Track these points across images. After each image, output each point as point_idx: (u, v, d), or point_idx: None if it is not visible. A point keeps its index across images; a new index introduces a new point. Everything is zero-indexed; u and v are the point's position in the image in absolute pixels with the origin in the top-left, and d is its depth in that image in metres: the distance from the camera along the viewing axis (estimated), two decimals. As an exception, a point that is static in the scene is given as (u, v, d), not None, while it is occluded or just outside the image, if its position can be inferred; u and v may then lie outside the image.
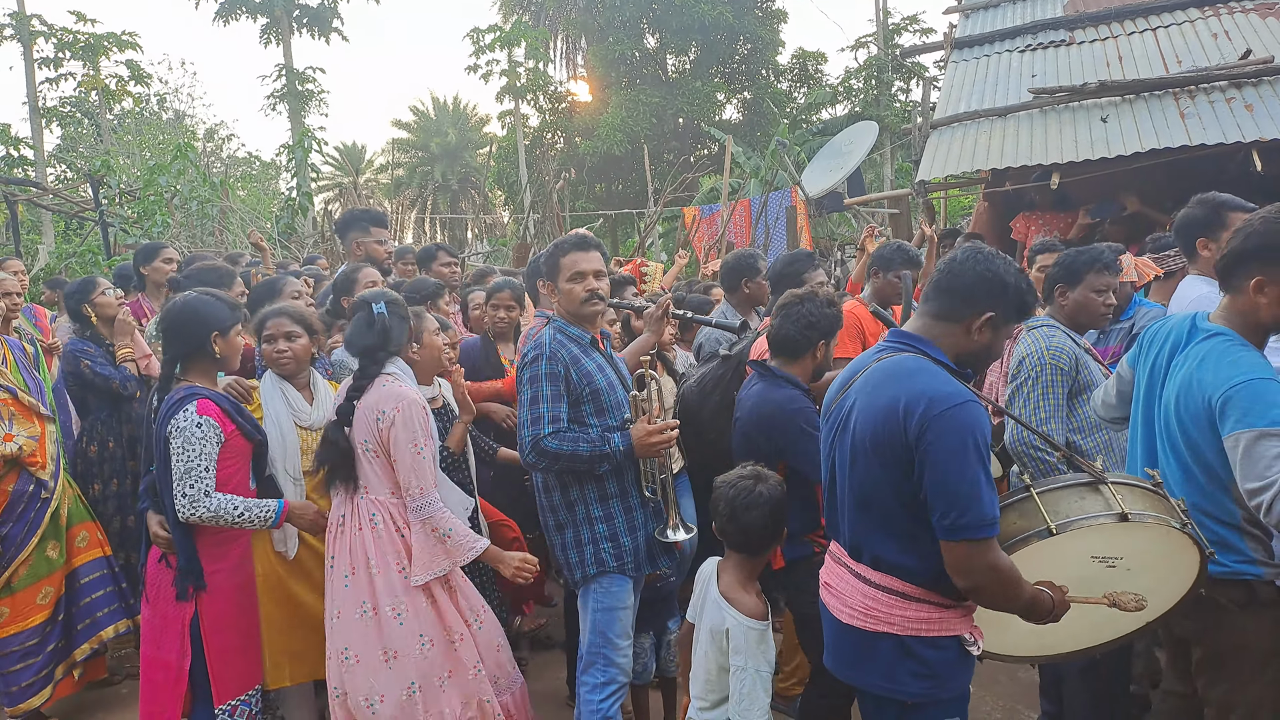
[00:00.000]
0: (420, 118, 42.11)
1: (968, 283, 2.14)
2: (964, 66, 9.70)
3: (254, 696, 3.13)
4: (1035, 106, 8.21)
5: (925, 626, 2.14)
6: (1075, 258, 3.32)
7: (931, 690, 2.16)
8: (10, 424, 3.79)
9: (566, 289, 3.06)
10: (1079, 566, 2.19)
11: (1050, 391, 3.10)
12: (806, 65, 26.87)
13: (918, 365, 2.13)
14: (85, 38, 19.97)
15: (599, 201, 26.04)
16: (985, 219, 8.94)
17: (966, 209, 17.38)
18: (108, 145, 19.33)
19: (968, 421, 2.01)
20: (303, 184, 12.15)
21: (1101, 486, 2.20)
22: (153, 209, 9.97)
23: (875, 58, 22.59)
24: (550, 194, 13.21)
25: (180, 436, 2.92)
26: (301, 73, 26.42)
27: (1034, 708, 3.63)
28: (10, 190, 12.54)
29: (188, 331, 3.06)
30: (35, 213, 16.59)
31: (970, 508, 1.98)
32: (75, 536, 4.00)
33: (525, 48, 26.13)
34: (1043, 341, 3.18)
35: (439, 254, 5.20)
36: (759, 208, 12.37)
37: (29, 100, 20.36)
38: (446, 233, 35.87)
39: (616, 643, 3.02)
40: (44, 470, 3.85)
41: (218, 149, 29.42)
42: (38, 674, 3.78)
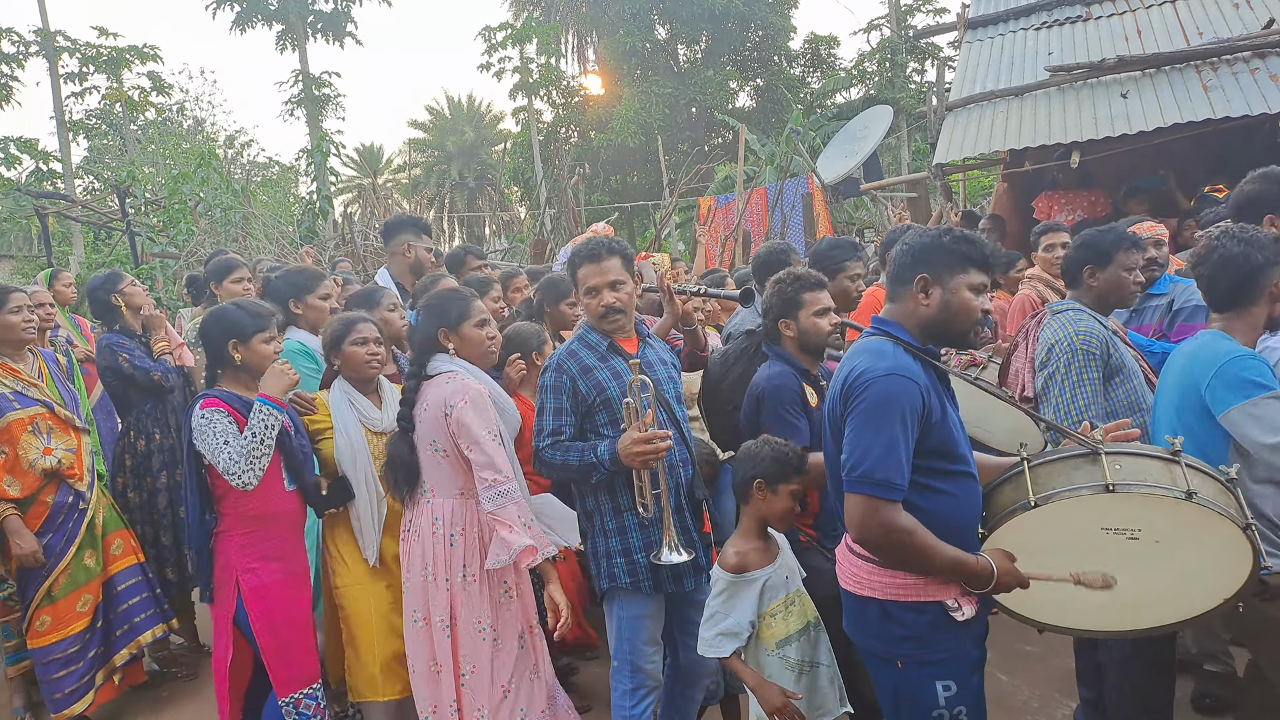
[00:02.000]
0: (436, 117, 42.31)
1: (897, 261, 2.34)
2: (979, 46, 9.63)
3: (318, 690, 3.18)
4: (1053, 84, 8.13)
5: (902, 592, 2.24)
6: (1101, 237, 3.23)
7: (917, 652, 2.25)
8: (49, 437, 3.86)
9: (585, 303, 3.04)
10: (1091, 539, 2.19)
11: (1084, 378, 3.01)
12: (819, 50, 26.72)
13: (869, 346, 2.28)
14: (108, 51, 20.28)
15: (614, 194, 26.05)
16: (1005, 200, 8.89)
17: (986, 190, 17.26)
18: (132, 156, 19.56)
19: (886, 389, 2.15)
20: (322, 187, 12.27)
21: (1100, 458, 2.20)
22: (177, 217, 10.13)
23: (888, 40, 22.45)
24: (565, 189, 13.26)
25: (197, 434, 3.00)
26: (317, 78, 26.64)
27: (1072, 695, 3.58)
28: (41, 203, 12.78)
29: (211, 340, 3.16)
30: (65, 224, 16.88)
31: (865, 461, 2.13)
32: (111, 544, 4.07)
33: (537, 44, 26.19)
34: (1070, 326, 3.09)
35: (467, 258, 5.23)
36: (775, 195, 12.36)
37: (56, 115, 20.69)
38: (464, 231, 36.01)
39: (643, 649, 2.96)
40: (81, 481, 3.92)
41: (239, 155, 29.71)
42: (80, 680, 3.84)
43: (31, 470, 3.76)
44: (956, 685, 2.25)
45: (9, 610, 4.05)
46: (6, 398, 3.79)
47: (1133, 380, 3.11)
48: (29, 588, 3.81)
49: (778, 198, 12.22)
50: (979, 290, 2.28)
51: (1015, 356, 3.48)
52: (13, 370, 3.87)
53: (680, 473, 2.97)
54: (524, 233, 16.71)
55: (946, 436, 2.23)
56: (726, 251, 11.33)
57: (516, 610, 3.06)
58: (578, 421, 2.94)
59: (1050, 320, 3.22)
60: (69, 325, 5.40)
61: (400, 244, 4.57)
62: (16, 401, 3.80)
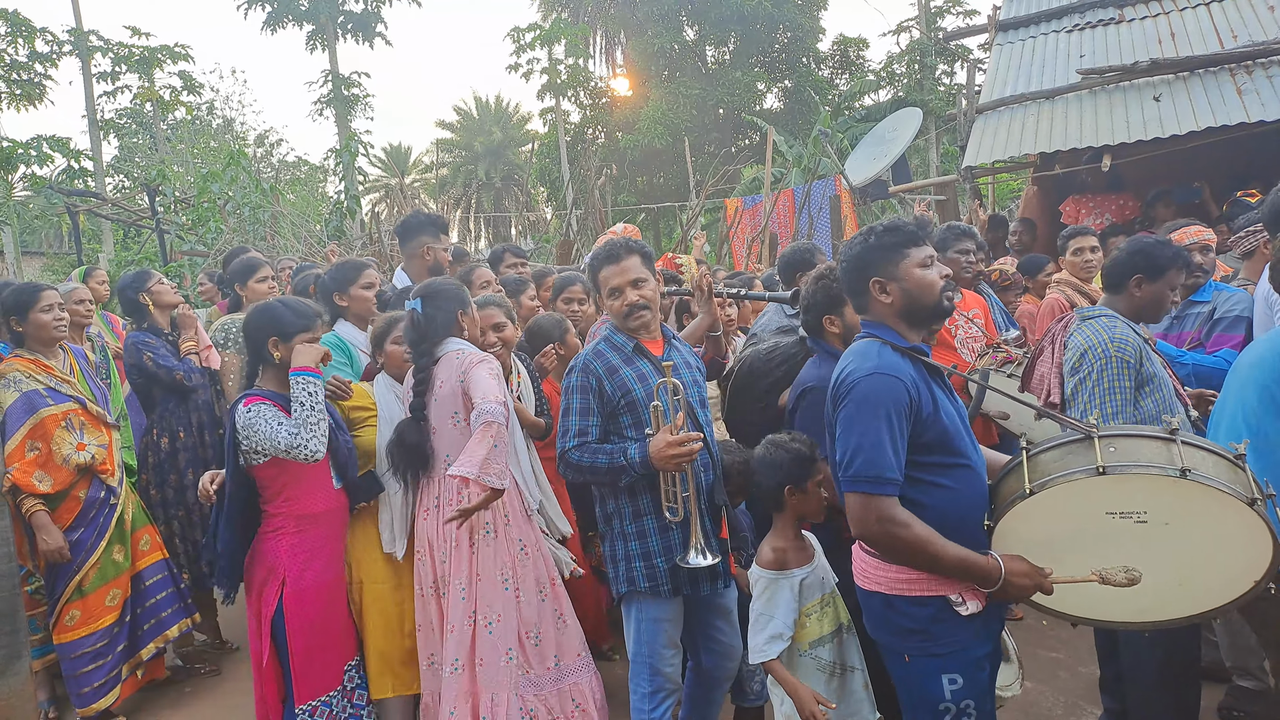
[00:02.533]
0: (463, 117, 42.54)
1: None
2: (1009, 49, 9.52)
3: (334, 698, 3.17)
4: (1084, 88, 8.03)
5: (905, 586, 2.28)
6: (1159, 250, 3.16)
7: (923, 645, 2.28)
8: (81, 433, 3.90)
9: (609, 305, 3.02)
10: (1098, 525, 2.18)
11: (1117, 385, 2.97)
12: (848, 51, 26.60)
13: (857, 349, 2.37)
14: (140, 51, 20.51)
15: (641, 195, 26.06)
16: (1035, 203, 8.78)
17: (1014, 194, 17.08)
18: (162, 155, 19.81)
19: (871, 388, 2.22)
20: (350, 187, 12.36)
21: (1094, 440, 2.20)
22: (207, 215, 10.21)
23: (918, 42, 22.28)
24: (592, 190, 13.25)
25: (245, 429, 3.00)
26: (347, 78, 26.83)
27: (1097, 703, 3.55)
28: (73, 201, 12.95)
29: (252, 338, 3.18)
30: (95, 222, 17.11)
31: (855, 460, 2.20)
32: (139, 540, 4.12)
33: (565, 45, 26.23)
34: (1105, 333, 3.04)
35: (505, 255, 5.24)
36: (802, 197, 12.29)
37: (88, 113, 20.97)
38: (490, 231, 36.15)
39: (662, 653, 2.95)
40: (113, 477, 3.96)
41: (268, 154, 29.98)
42: (108, 674, 3.88)
43: (65, 466, 3.80)
44: (963, 679, 2.28)
45: (36, 604, 4.09)
46: (40, 394, 3.83)
47: (1163, 390, 3.06)
48: (58, 582, 3.85)
49: (805, 199, 12.15)
50: (928, 264, 2.35)
51: (1040, 361, 3.42)
52: (46, 367, 3.91)
53: (702, 477, 2.95)
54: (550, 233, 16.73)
55: (941, 430, 2.27)
56: (753, 253, 11.28)
57: (533, 565, 3.18)
58: (603, 423, 2.92)
59: (1081, 326, 3.16)
60: (100, 322, 5.46)
61: (419, 246, 4.52)
62: (50, 398, 3.85)
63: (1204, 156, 7.28)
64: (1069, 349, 3.18)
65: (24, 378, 3.83)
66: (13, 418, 3.75)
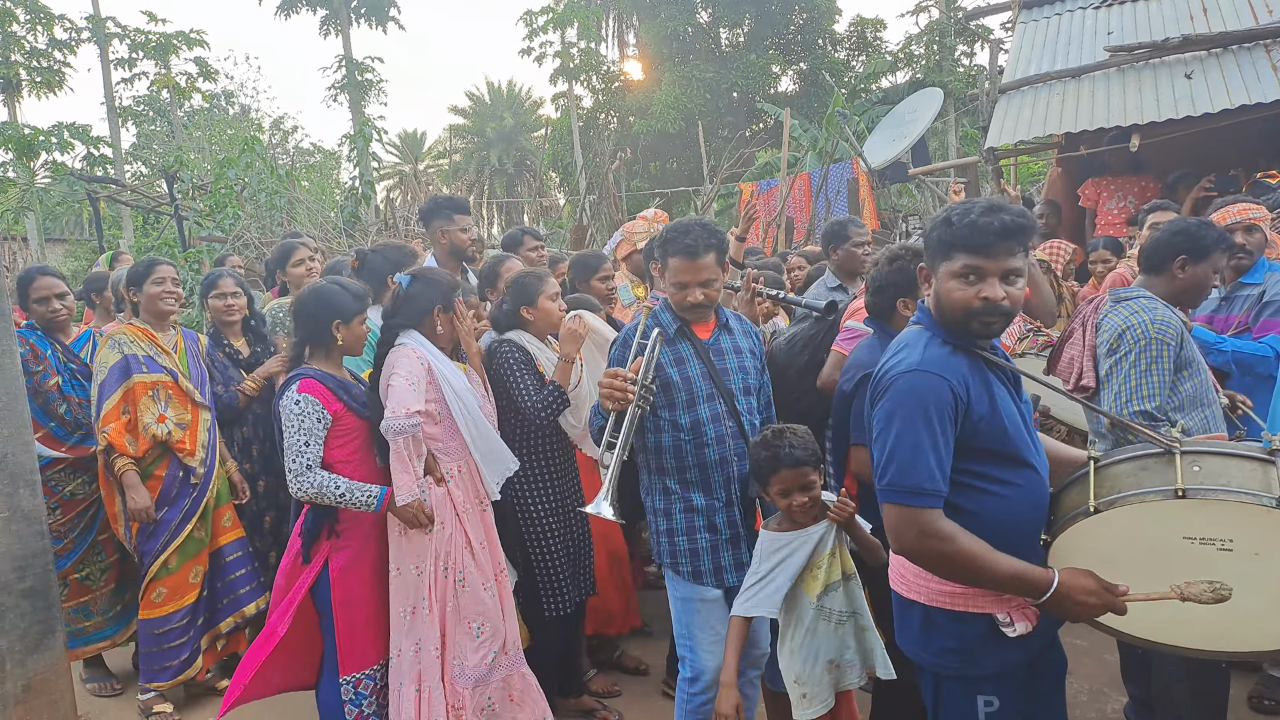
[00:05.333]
0: (476, 103, 42.45)
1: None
2: (1034, 27, 9.38)
3: (378, 671, 3.21)
4: (1112, 65, 7.89)
5: (949, 600, 2.10)
6: (1204, 231, 3.08)
7: (959, 666, 2.12)
8: (165, 406, 3.95)
9: (670, 291, 2.96)
10: (1173, 548, 1.97)
11: (1155, 367, 2.89)
12: (865, 33, 26.30)
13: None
14: (156, 37, 20.56)
15: (654, 180, 25.93)
16: (1059, 185, 8.66)
17: (1035, 176, 16.90)
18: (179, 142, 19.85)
19: (911, 387, 2.02)
20: (365, 173, 12.33)
21: (1175, 457, 1.98)
22: (224, 201, 10.22)
23: (937, 22, 22.01)
24: (606, 175, 13.18)
25: (283, 415, 3.03)
26: (360, 63, 26.77)
27: (1122, 690, 3.51)
28: (93, 188, 13.01)
29: (313, 318, 3.18)
30: (115, 208, 17.19)
31: (891, 468, 2.00)
32: (221, 516, 4.15)
33: (578, 28, 26.09)
34: (1145, 314, 2.97)
35: (525, 238, 5.19)
36: (819, 181, 12.19)
37: (106, 100, 21.07)
38: (503, 217, 36.11)
39: (699, 636, 2.90)
40: (192, 457, 3.98)
41: (283, 141, 30.02)
42: (191, 649, 3.99)
43: (144, 434, 3.87)
44: (1000, 701, 2.12)
45: (85, 590, 4.18)
46: (138, 359, 3.94)
47: (1200, 375, 3.00)
48: (144, 560, 3.93)
49: (822, 183, 12.04)
50: (963, 275, 2.03)
51: (1070, 344, 3.34)
52: (151, 336, 4.04)
53: (733, 466, 2.90)
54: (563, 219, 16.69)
55: (999, 433, 2.06)
56: (768, 238, 11.19)
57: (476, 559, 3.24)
58: None
59: (1116, 307, 3.09)
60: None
61: (435, 230, 4.51)
62: (145, 365, 3.96)
63: (1230, 137, 7.15)
64: (1103, 330, 3.11)
65: (129, 341, 3.97)
66: (112, 378, 3.88)
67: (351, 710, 3.15)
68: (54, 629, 3.39)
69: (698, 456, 2.87)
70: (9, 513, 3.20)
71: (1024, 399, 2.23)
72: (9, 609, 3.23)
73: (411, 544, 3.12)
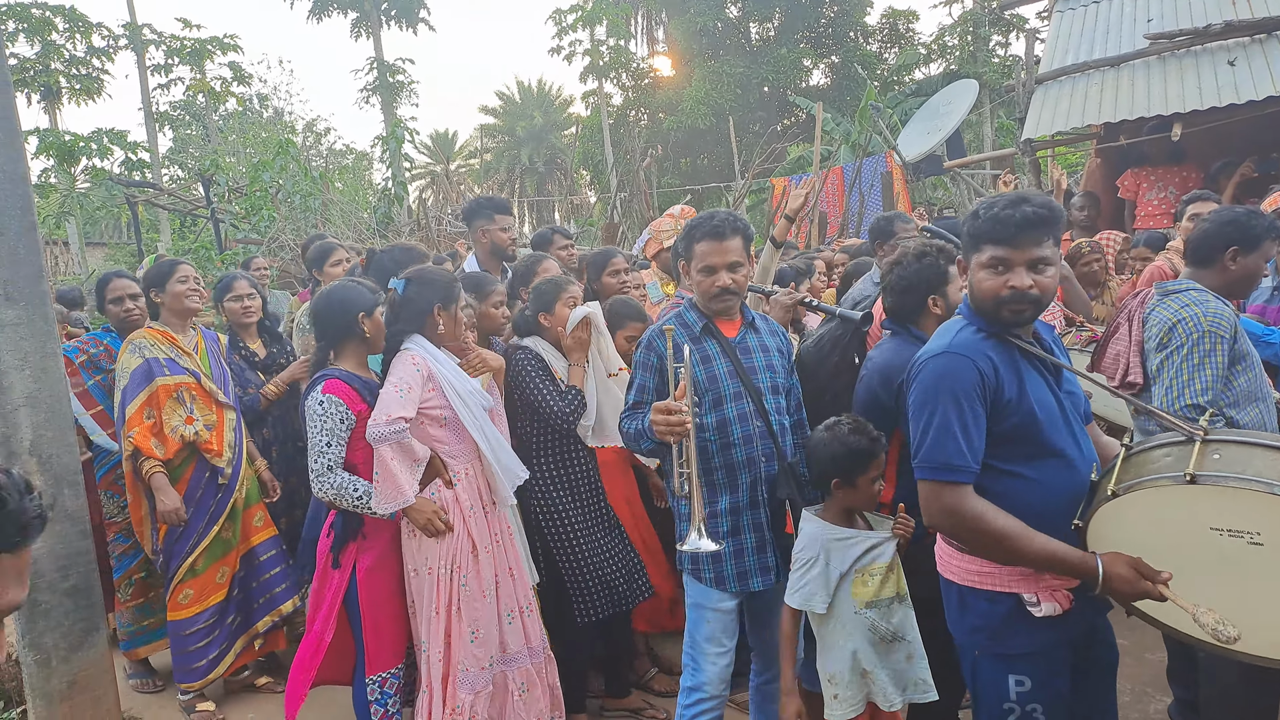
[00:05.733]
0: (506, 102, 42.66)
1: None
2: (1071, 15, 9.21)
3: (402, 670, 3.23)
4: (1152, 53, 7.72)
5: (977, 580, 2.19)
6: (1254, 220, 2.99)
7: (989, 644, 2.20)
8: (192, 407, 3.95)
9: (697, 279, 2.87)
10: (1200, 540, 1.93)
11: (1209, 360, 2.79)
12: (897, 24, 26.11)
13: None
14: (191, 43, 20.88)
15: (684, 176, 25.89)
16: (1098, 176, 8.50)
17: (1072, 167, 16.62)
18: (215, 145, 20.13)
19: (937, 369, 2.13)
20: (397, 174, 12.40)
21: (1194, 444, 1.95)
22: (259, 204, 10.33)
23: (971, 12, 21.77)
24: (637, 172, 13.16)
25: (308, 415, 3.04)
26: (392, 65, 27.00)
27: (1165, 691, 3.44)
28: (131, 192, 13.22)
29: (337, 317, 3.19)
30: (153, 212, 17.47)
31: (922, 445, 2.11)
32: (252, 516, 4.13)
33: (607, 26, 26.10)
34: (1197, 307, 2.87)
35: (555, 237, 5.20)
36: (852, 175, 12.09)
37: (144, 106, 21.43)
38: (534, 215, 36.23)
39: (704, 646, 2.83)
40: (220, 458, 3.96)
41: (316, 143, 30.34)
42: (219, 648, 4.00)
43: (172, 436, 3.87)
44: (1032, 681, 2.16)
45: (147, 589, 4.25)
46: (160, 363, 3.93)
47: (1255, 369, 2.89)
48: (172, 562, 3.93)
49: (855, 177, 11.94)
50: (992, 266, 2.13)
51: (1116, 339, 3.24)
52: (171, 338, 4.02)
53: (761, 467, 2.83)
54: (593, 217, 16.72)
55: (1027, 418, 2.11)
56: (801, 232, 11.11)
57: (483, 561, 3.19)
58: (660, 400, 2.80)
59: (1166, 300, 2.99)
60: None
61: (476, 230, 4.54)
62: (168, 368, 3.94)
63: (1275, 125, 6.97)
64: (1151, 324, 3.01)
65: (150, 345, 3.95)
66: (134, 383, 3.87)
67: (377, 710, 3.15)
68: (97, 626, 3.47)
69: (724, 457, 2.81)
70: (53, 513, 3.26)
71: (1068, 390, 2.25)
72: (53, 607, 3.31)
73: (421, 546, 3.11)
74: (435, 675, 3.10)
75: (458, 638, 3.10)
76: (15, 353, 3.24)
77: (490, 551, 3.19)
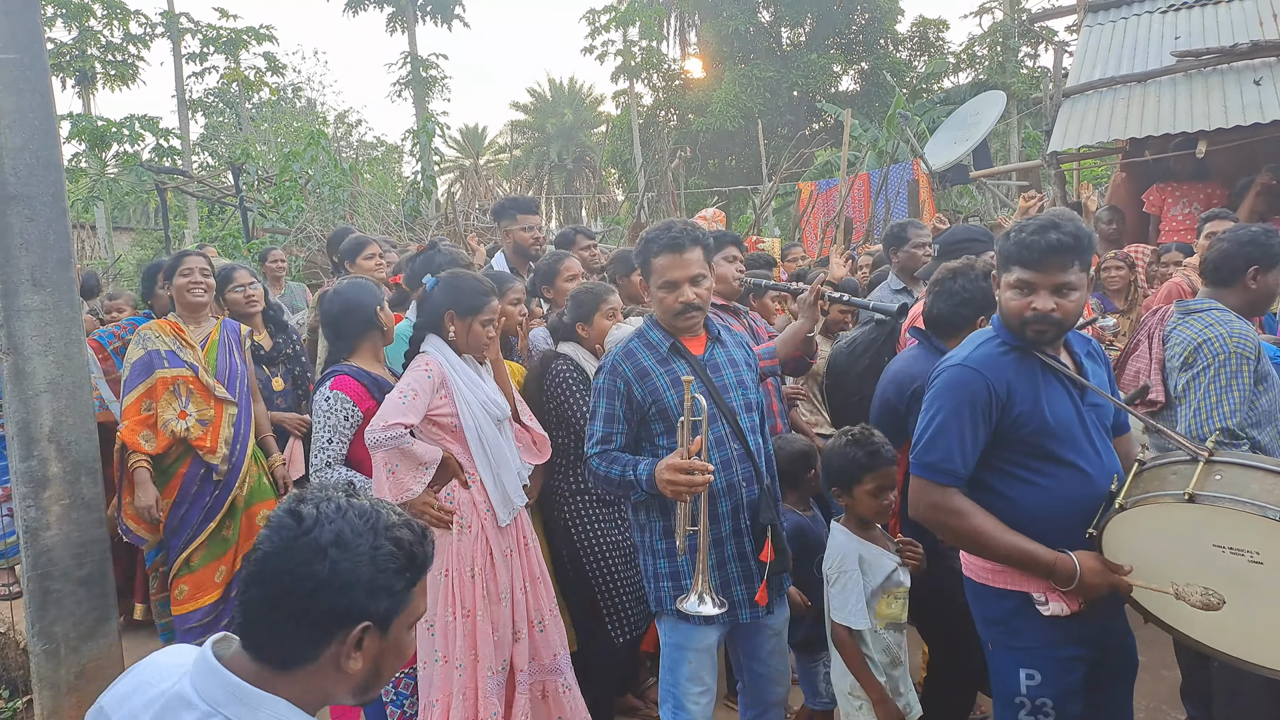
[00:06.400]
0: (537, 99, 42.81)
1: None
2: (1099, 30, 9.18)
3: (416, 670, 3.13)
4: (1179, 70, 7.70)
5: (990, 576, 2.30)
6: (1270, 239, 2.98)
7: (1002, 637, 2.30)
8: (187, 401, 3.86)
9: (659, 296, 2.68)
10: (1204, 556, 2.02)
11: (1235, 382, 2.79)
12: (927, 33, 26.01)
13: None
14: (227, 33, 21.14)
15: (712, 178, 25.92)
16: (1123, 190, 8.47)
17: (1098, 180, 16.52)
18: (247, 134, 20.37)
19: (949, 379, 2.27)
20: (427, 168, 12.52)
21: (1197, 464, 2.05)
22: (288, 194, 10.47)
23: (1001, 23, 21.64)
24: (665, 172, 13.21)
25: (315, 411, 3.09)
26: (425, 60, 27.20)
27: (1179, 708, 3.42)
28: (161, 179, 13.41)
29: (353, 315, 3.22)
30: (181, 199, 17.71)
31: (919, 444, 2.29)
32: (255, 515, 3.98)
33: (640, 27, 26.17)
34: (1221, 327, 2.86)
35: (578, 237, 5.21)
36: (879, 181, 12.08)
37: (177, 93, 21.75)
38: (561, 212, 36.35)
39: (686, 686, 2.67)
40: (213, 455, 3.85)
41: (347, 134, 30.58)
42: None
43: (163, 430, 3.80)
44: (1042, 676, 2.24)
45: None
46: (160, 354, 3.86)
47: (1275, 389, 2.90)
48: (170, 557, 3.88)
49: (882, 184, 11.93)
50: (1019, 287, 2.22)
51: (1135, 357, 3.23)
52: (179, 330, 3.96)
53: (741, 492, 2.65)
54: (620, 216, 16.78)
55: (1041, 429, 2.21)
56: (827, 238, 11.13)
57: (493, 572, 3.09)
58: (631, 430, 2.68)
59: (1188, 320, 2.99)
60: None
61: (503, 229, 4.61)
62: (168, 360, 3.87)
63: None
64: (1173, 343, 3.01)
65: (154, 337, 3.91)
66: (134, 374, 3.83)
67: (393, 711, 3.11)
68: (108, 616, 3.43)
69: None
70: (70, 499, 3.27)
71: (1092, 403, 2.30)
72: (66, 596, 3.27)
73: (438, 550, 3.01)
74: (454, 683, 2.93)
75: (484, 641, 2.96)
76: (40, 338, 3.22)
77: (508, 557, 3.09)
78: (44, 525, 3.20)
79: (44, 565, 3.20)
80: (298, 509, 1.25)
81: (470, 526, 3.00)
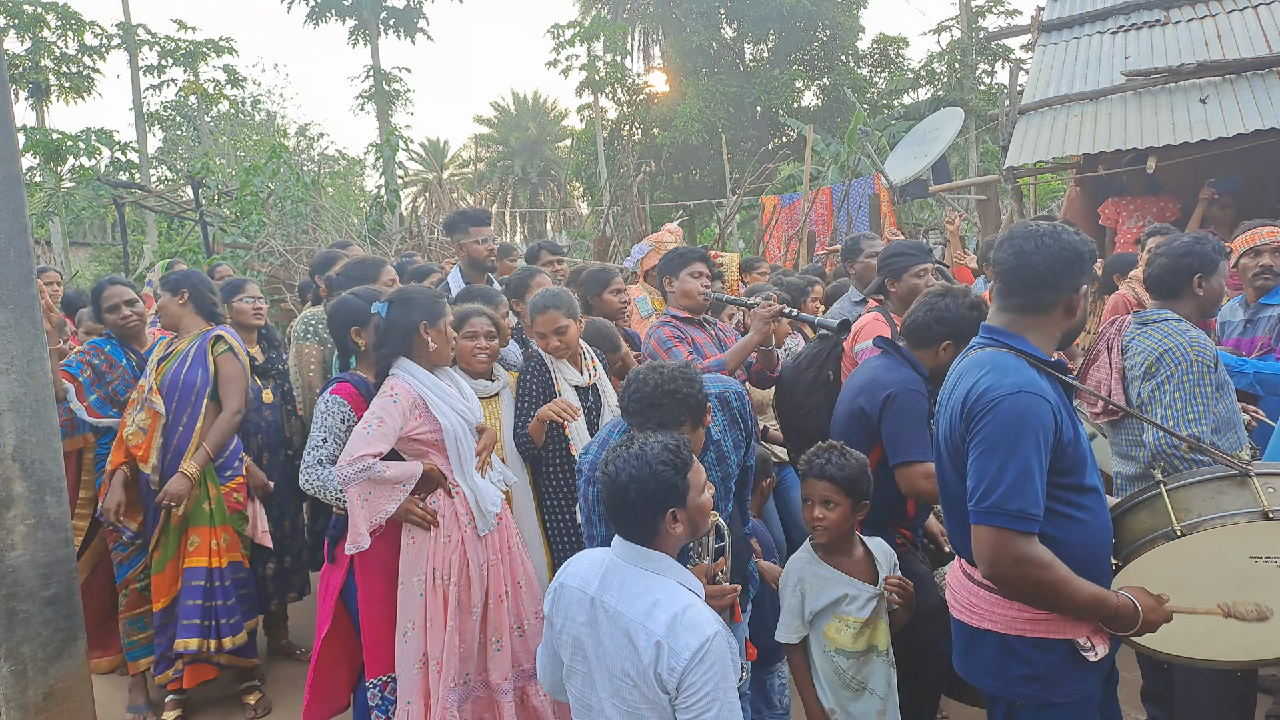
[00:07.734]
0: (501, 113, 42.80)
1: (1047, 267, 2.06)
2: (1053, 49, 9.43)
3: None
4: (1129, 89, 7.94)
5: (1030, 627, 2.06)
6: (1204, 245, 3.09)
7: (1040, 693, 2.08)
8: (139, 409, 3.94)
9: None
10: (1236, 568, 2.02)
11: (1199, 389, 2.87)
12: (887, 50, 26.36)
13: (987, 360, 2.08)
14: (186, 45, 20.89)
15: (677, 192, 26.07)
16: (1077, 204, 8.68)
17: (1055, 194, 16.85)
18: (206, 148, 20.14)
19: (1015, 408, 1.96)
20: (390, 181, 12.46)
21: (1248, 480, 2.04)
22: (249, 208, 10.35)
23: (959, 41, 22.01)
24: (630, 186, 13.26)
25: (315, 413, 3.17)
26: (388, 73, 27.07)
27: (1139, 708, 3.45)
28: (118, 193, 13.21)
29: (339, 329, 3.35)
30: (140, 213, 17.44)
31: (996, 490, 1.94)
32: (188, 540, 3.93)
33: (604, 42, 26.27)
34: (1181, 337, 2.95)
35: (542, 252, 5.26)
36: (841, 195, 12.23)
37: (134, 106, 21.38)
38: (526, 226, 36.33)
39: None
40: (144, 464, 3.89)
41: (308, 147, 30.32)
42: (162, 654, 3.92)
43: (125, 437, 3.96)
44: None
45: (143, 601, 4.03)
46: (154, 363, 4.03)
47: (1230, 397, 3.00)
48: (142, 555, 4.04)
49: (844, 198, 12.09)
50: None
51: (1096, 367, 3.28)
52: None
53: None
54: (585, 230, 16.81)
55: (1079, 456, 2.05)
56: (790, 251, 11.24)
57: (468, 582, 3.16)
58: None
59: (1147, 330, 3.08)
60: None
61: (456, 243, 4.63)
62: (141, 368, 4.12)
63: (1247, 160, 7.16)
64: (1133, 353, 3.09)
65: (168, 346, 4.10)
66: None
67: (379, 716, 3.13)
68: (76, 637, 3.36)
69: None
70: (35, 519, 3.20)
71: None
72: (33, 616, 3.21)
73: (419, 554, 3.08)
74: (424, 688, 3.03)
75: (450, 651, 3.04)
76: (2, 356, 3.15)
77: (484, 571, 3.13)
78: (9, 545, 3.14)
79: (9, 586, 3.15)
80: (607, 469, 2.06)
81: (450, 537, 3.09)
